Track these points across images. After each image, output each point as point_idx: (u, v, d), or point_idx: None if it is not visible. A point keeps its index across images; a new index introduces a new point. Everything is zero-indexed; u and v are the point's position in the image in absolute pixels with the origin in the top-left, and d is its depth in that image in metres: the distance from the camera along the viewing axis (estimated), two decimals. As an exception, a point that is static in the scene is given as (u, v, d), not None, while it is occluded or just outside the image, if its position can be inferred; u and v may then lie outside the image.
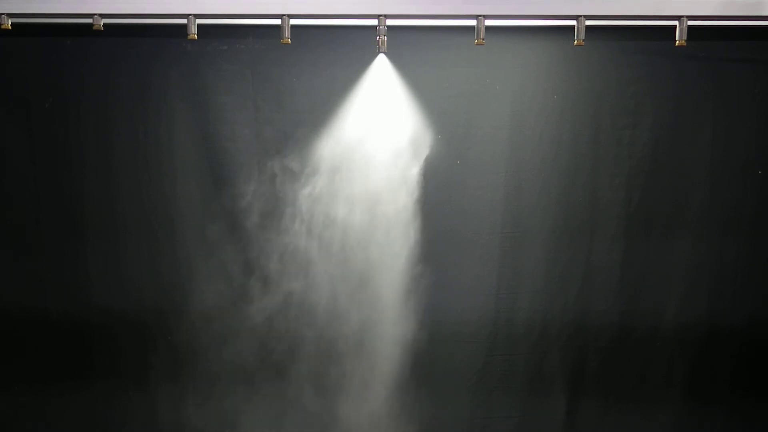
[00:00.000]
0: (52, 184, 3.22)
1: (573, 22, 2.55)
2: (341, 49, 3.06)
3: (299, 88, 3.13)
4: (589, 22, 2.54)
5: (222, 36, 3.06)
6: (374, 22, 2.59)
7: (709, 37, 2.90)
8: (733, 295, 3.21)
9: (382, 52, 2.65)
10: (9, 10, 2.58)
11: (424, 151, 3.12)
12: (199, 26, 2.61)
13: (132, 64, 3.12)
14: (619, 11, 2.56)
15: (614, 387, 3.29)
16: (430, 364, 3.22)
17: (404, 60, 3.01)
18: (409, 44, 2.97)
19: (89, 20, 2.59)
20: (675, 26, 2.56)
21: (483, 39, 2.57)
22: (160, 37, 3.05)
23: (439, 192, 3.16)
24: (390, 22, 2.59)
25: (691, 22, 2.55)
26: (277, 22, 2.58)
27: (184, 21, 2.59)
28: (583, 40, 2.55)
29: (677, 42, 2.56)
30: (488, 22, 2.57)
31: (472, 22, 2.57)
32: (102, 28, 2.60)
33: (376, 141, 3.09)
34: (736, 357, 3.25)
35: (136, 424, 3.34)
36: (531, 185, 3.17)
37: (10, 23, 2.60)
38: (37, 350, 3.32)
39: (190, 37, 2.60)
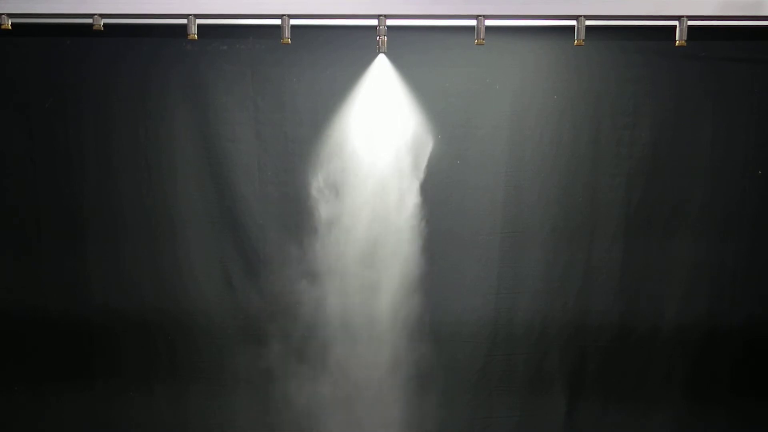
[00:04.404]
0: (52, 184, 3.22)
1: (573, 22, 2.55)
2: (341, 49, 3.06)
3: (299, 88, 3.14)
4: (589, 22, 2.54)
5: (222, 36, 3.06)
6: (374, 22, 2.59)
7: (709, 37, 2.90)
8: (733, 295, 3.21)
9: (382, 52, 2.64)
10: (9, 10, 2.58)
11: (424, 151, 3.12)
12: (199, 26, 2.61)
13: (132, 64, 3.12)
14: (619, 11, 2.56)
15: (614, 387, 3.29)
16: (431, 364, 3.22)
17: (404, 60, 3.01)
18: (409, 44, 2.97)
19: (89, 20, 2.59)
20: (675, 26, 2.56)
21: (483, 39, 2.57)
22: (160, 37, 3.05)
23: (439, 192, 3.16)
24: (390, 22, 2.59)
25: (691, 22, 2.55)
26: (277, 22, 2.58)
27: (184, 21, 2.59)
28: (583, 40, 2.55)
29: (677, 42, 2.56)
30: (488, 22, 2.57)
31: (472, 22, 2.57)
32: (102, 28, 2.60)
33: (376, 141, 3.10)
34: (736, 357, 3.25)
35: (136, 423, 3.34)
36: (531, 185, 3.18)
37: (10, 23, 2.60)
38: (37, 350, 3.32)
39: (190, 37, 2.59)
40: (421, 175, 3.13)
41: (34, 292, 3.28)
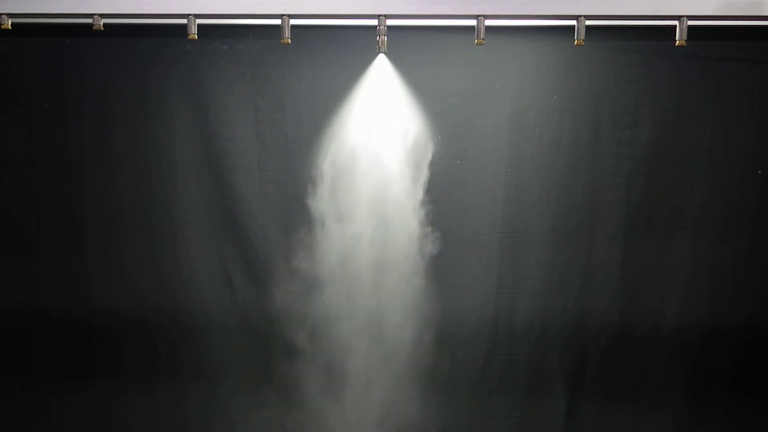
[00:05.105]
0: (52, 184, 3.22)
1: (573, 22, 2.55)
2: (341, 49, 3.06)
3: (299, 88, 3.14)
4: (589, 22, 2.54)
5: (222, 36, 3.06)
6: (374, 22, 2.59)
7: (709, 37, 2.90)
8: (733, 295, 3.21)
9: (382, 52, 2.64)
10: (9, 10, 2.57)
11: (424, 151, 3.12)
12: (199, 26, 2.61)
13: (132, 64, 3.12)
14: (619, 11, 2.56)
15: (614, 387, 3.29)
16: (431, 364, 3.22)
17: (404, 60, 3.01)
18: (409, 44, 2.97)
19: (89, 20, 2.59)
20: (675, 26, 2.56)
21: (483, 39, 2.57)
22: (160, 37, 3.05)
23: (439, 192, 3.16)
24: (390, 22, 2.59)
25: (691, 22, 2.55)
26: (277, 22, 2.58)
27: (184, 21, 2.59)
28: (583, 40, 2.55)
29: (677, 42, 2.56)
30: (488, 22, 2.57)
31: (472, 22, 2.57)
32: (102, 28, 2.60)
33: (376, 141, 3.10)
34: (736, 357, 3.25)
35: (136, 423, 3.34)
36: (531, 185, 3.18)
37: (10, 23, 2.60)
38: (37, 350, 3.32)
39: (190, 37, 2.59)
40: (421, 174, 3.13)
41: (34, 292, 3.28)
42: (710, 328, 3.23)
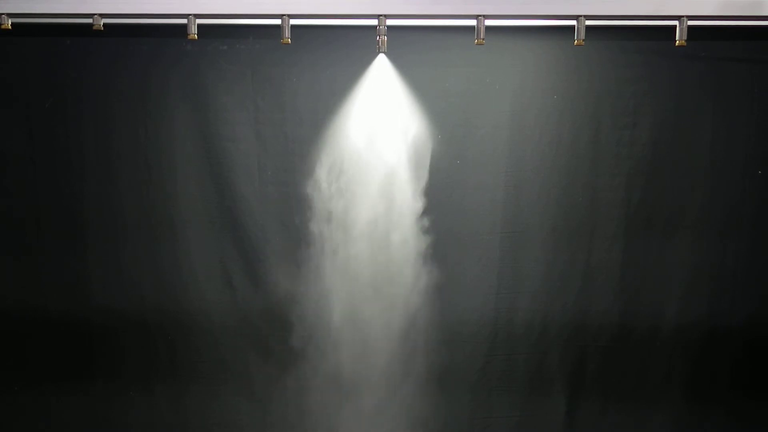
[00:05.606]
0: (52, 184, 3.22)
1: (573, 22, 2.55)
2: (341, 49, 3.06)
3: (299, 88, 3.13)
4: (589, 22, 2.54)
5: (222, 36, 3.06)
6: (374, 22, 2.59)
7: (709, 37, 2.90)
8: (733, 295, 3.21)
9: (382, 52, 2.64)
10: (9, 10, 2.57)
11: (424, 151, 3.12)
12: (199, 26, 2.61)
13: (132, 64, 3.12)
14: (619, 11, 2.56)
15: (614, 387, 3.29)
16: (430, 364, 3.22)
17: (404, 60, 3.01)
18: (409, 44, 2.97)
19: (89, 20, 2.58)
20: (675, 26, 2.56)
21: (483, 39, 2.57)
22: (160, 37, 3.05)
23: (439, 192, 3.16)
24: (390, 22, 2.59)
25: (691, 22, 2.54)
26: (277, 22, 2.58)
27: (184, 21, 2.59)
28: (583, 40, 2.55)
29: (677, 42, 2.56)
30: (488, 22, 2.57)
31: (472, 22, 2.57)
32: (102, 28, 2.60)
33: (376, 141, 3.10)
34: (736, 357, 3.25)
35: (136, 423, 3.34)
36: (531, 185, 3.18)
37: (10, 23, 2.60)
38: (37, 350, 3.32)
39: (190, 37, 2.59)
40: (421, 175, 3.13)
41: (34, 292, 3.28)
42: (710, 328, 3.23)
